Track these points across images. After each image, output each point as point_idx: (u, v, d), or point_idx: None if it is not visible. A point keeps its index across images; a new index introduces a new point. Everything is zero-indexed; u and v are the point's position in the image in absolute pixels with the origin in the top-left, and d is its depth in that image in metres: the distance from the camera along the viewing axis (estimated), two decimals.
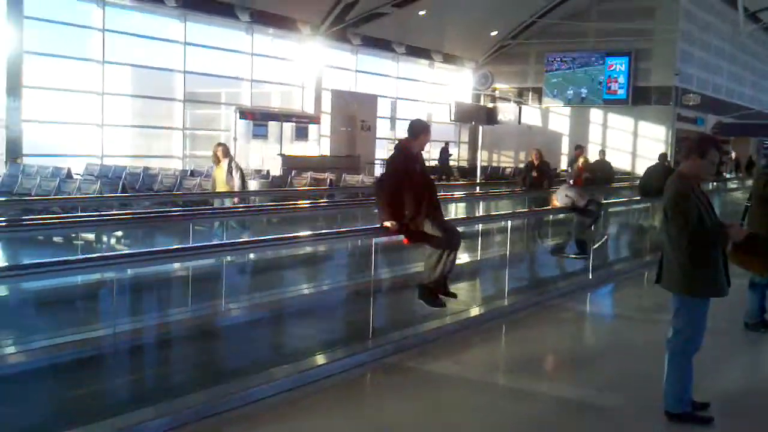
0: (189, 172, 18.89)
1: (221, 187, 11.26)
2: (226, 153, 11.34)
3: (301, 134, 26.95)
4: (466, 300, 7.88)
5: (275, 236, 7.39)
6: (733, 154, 35.15)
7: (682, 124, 33.07)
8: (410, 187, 6.50)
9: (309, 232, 7.72)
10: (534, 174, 14.73)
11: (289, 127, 26.34)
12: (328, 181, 17.47)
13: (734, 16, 35.30)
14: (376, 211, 7.08)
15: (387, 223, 6.49)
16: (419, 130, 6.73)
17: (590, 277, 9.58)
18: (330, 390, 5.48)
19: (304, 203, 13.00)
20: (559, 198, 10.19)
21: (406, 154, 6.72)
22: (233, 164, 11.23)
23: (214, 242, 8.36)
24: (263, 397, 5.12)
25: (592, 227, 9.81)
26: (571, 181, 14.59)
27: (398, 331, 6.70)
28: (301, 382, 5.44)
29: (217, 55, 25.06)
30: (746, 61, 41.26)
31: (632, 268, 10.87)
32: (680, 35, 31.73)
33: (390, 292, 8.42)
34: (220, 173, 11.26)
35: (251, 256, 9.05)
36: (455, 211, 13.40)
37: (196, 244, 7.29)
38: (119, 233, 10.37)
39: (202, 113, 26.40)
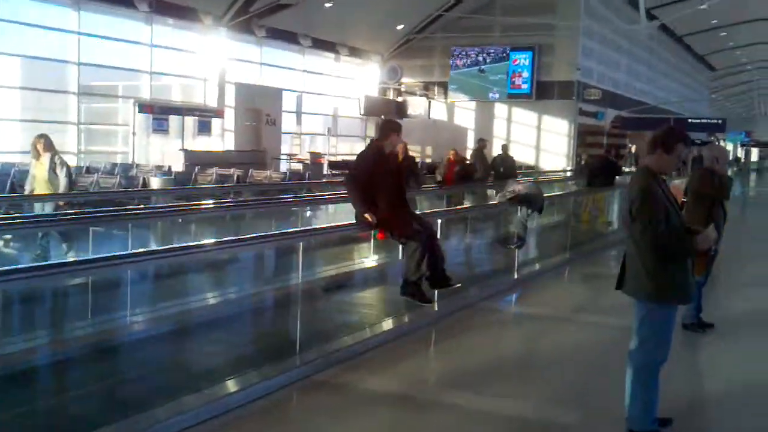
0: (84, 169, 17.75)
1: (42, 187, 9.66)
2: (49, 146, 9.71)
3: (204, 128, 25.92)
4: (397, 305, 7.37)
5: (236, 238, 6.60)
6: (633, 148, 36.10)
7: (583, 118, 33.68)
8: (382, 185, 6.67)
9: (279, 231, 6.99)
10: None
11: (191, 122, 25.27)
12: (235, 177, 16.67)
13: (631, 13, 36.18)
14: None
15: (367, 216, 6.61)
16: (387, 130, 6.88)
17: (515, 276, 9.25)
18: (254, 417, 4.86)
19: (239, 200, 12.15)
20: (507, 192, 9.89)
21: (377, 152, 6.84)
22: (57, 159, 9.69)
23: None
24: None
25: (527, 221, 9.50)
26: (440, 178, 14.51)
27: (328, 344, 6.14)
28: (218, 411, 4.78)
29: (115, 47, 23.71)
30: (642, 57, 42.47)
31: (555, 266, 10.60)
32: (581, 30, 32.23)
33: (316, 298, 7.84)
34: (41, 170, 9.67)
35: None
36: None
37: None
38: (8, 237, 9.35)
39: (99, 107, 24.99)
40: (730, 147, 67.59)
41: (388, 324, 6.92)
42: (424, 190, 13.78)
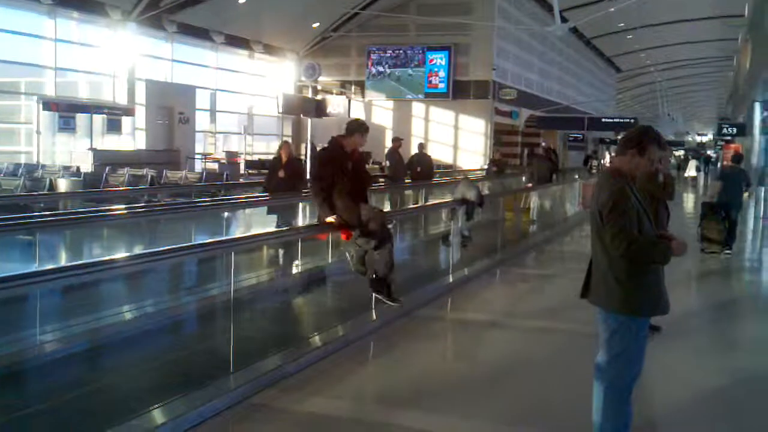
0: None
1: None
2: None
3: (114, 127, 24.80)
4: (335, 314, 6.95)
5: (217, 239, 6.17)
6: (543, 144, 36.53)
7: (498, 117, 33.95)
8: (341, 183, 6.68)
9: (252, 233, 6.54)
10: (282, 174, 11.06)
11: (99, 120, 24.14)
12: (149, 177, 15.87)
13: (543, 15, 36.73)
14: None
15: (329, 219, 6.60)
16: (353, 129, 6.95)
17: (450, 279, 8.93)
18: None
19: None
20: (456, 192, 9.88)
21: (336, 149, 6.87)
22: None
23: None
24: None
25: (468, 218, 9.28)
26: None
27: (264, 361, 5.59)
28: None
29: (16, 41, 22.37)
30: (554, 59, 43.21)
31: (488, 267, 10.32)
32: (496, 31, 32.47)
33: (248, 309, 7.33)
34: None
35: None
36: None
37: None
38: None
39: (0, 105, 23.61)
40: None
41: (326, 336, 6.42)
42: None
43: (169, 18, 25.94)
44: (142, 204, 11.61)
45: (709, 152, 70.11)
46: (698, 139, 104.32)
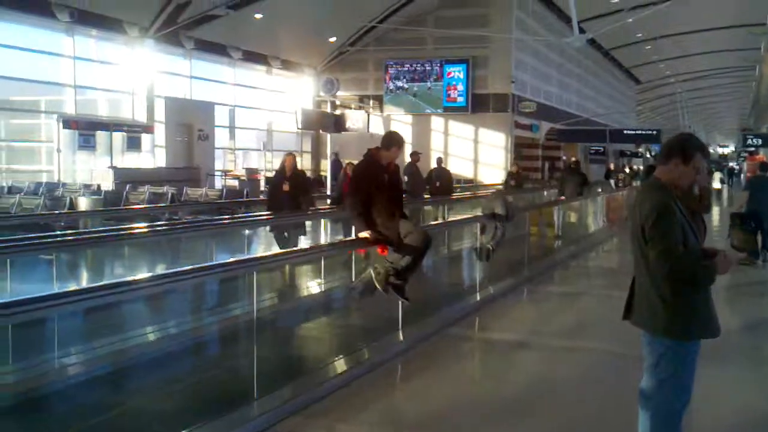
0: (6, 189, 16.60)
1: None
2: None
3: (134, 144, 24.82)
4: (363, 334, 6.74)
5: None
6: (573, 160, 36.12)
7: (518, 131, 33.70)
8: (378, 197, 6.59)
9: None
10: (286, 188, 10.56)
11: (119, 137, 24.15)
12: (169, 195, 15.77)
13: (561, 27, 36.49)
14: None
15: (364, 234, 6.49)
16: (389, 142, 6.83)
17: (478, 297, 8.68)
18: None
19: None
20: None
21: (372, 163, 6.81)
22: None
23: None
24: None
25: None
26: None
27: (288, 387, 5.38)
28: None
29: (35, 59, 22.44)
30: (572, 71, 42.93)
31: (515, 285, 10.03)
32: (514, 43, 32.28)
33: (273, 331, 7.13)
34: None
35: None
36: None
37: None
38: None
39: (20, 123, 23.66)
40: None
41: (351, 359, 6.18)
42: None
43: (186, 34, 25.97)
44: (163, 222, 11.43)
45: (731, 164, 69.48)
46: (720, 150, 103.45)
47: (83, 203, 14.28)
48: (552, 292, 10.20)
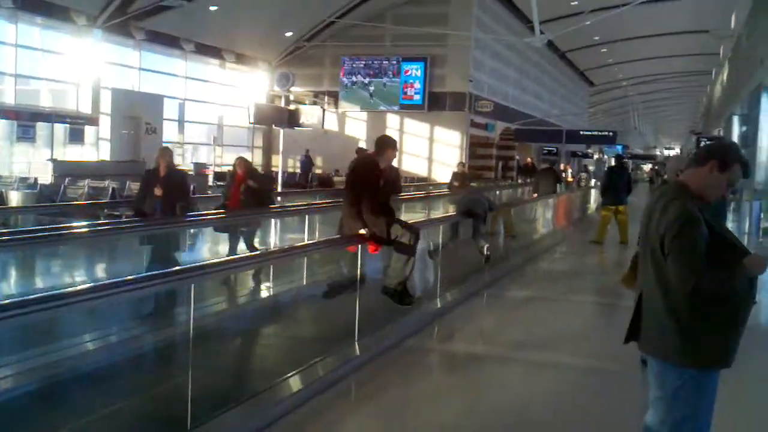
0: None
1: None
2: None
3: (77, 137, 23.86)
4: (312, 348, 6.16)
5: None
6: (529, 159, 35.84)
7: (473, 129, 33.42)
8: (375, 198, 6.71)
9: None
10: (158, 192, 8.86)
11: (61, 129, 23.14)
12: (110, 189, 14.95)
13: (520, 27, 36.34)
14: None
15: (362, 231, 6.55)
16: (386, 144, 7.01)
17: (438, 304, 8.13)
18: None
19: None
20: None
21: (375, 166, 6.89)
22: None
23: None
24: None
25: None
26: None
27: (229, 413, 4.59)
28: None
29: None
30: (529, 72, 42.86)
31: (477, 289, 9.47)
32: (473, 42, 31.97)
33: (213, 344, 6.46)
34: None
35: None
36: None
37: None
38: None
39: None
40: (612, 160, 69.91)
41: (306, 376, 5.40)
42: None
43: (137, 25, 25.07)
44: (101, 222, 10.59)
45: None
46: (666, 153, 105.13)
47: (15, 197, 13.43)
48: (514, 297, 9.64)
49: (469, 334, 7.61)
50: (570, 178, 31.04)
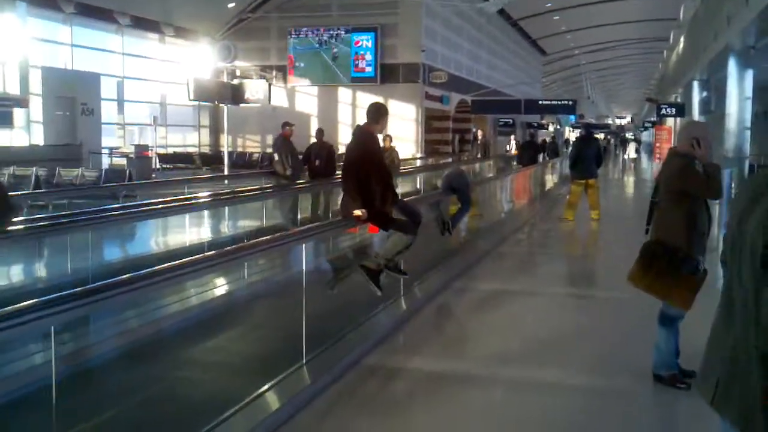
0: None
1: None
2: None
3: (4, 120, 22.15)
4: (254, 374, 4.98)
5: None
6: (479, 133, 34.89)
7: (428, 102, 32.32)
8: (379, 174, 6.23)
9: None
10: None
11: None
12: (33, 178, 13.49)
13: None
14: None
15: (357, 212, 6.07)
16: (380, 113, 6.38)
17: (404, 306, 6.97)
18: None
19: None
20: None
21: (375, 140, 6.50)
22: None
23: None
24: None
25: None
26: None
27: None
28: None
29: None
30: (482, 41, 41.78)
31: (446, 282, 8.33)
32: (423, 9, 30.77)
33: (126, 371, 5.22)
34: None
35: None
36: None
37: None
38: None
39: None
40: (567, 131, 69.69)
41: (249, 417, 4.23)
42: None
43: None
44: None
45: (628, 134, 70.70)
46: (618, 122, 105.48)
47: None
48: (486, 292, 8.41)
49: (438, 347, 6.19)
50: (515, 151, 30.15)
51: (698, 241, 4.84)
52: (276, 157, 13.09)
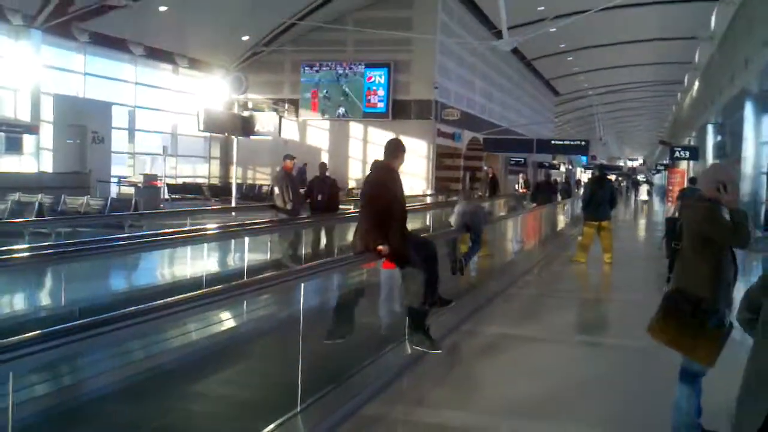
0: None
1: None
2: None
3: (14, 146, 22.08)
4: (245, 421, 4.65)
5: None
6: (489, 171, 34.57)
7: (440, 139, 32.15)
8: (399, 209, 6.32)
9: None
10: None
11: None
12: (36, 206, 13.27)
13: (485, 33, 35.24)
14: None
15: (381, 247, 6.11)
16: (399, 148, 6.53)
17: (408, 349, 6.64)
18: None
19: None
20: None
21: (396, 174, 6.47)
22: None
23: None
24: None
25: None
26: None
27: None
28: None
29: None
30: (494, 79, 41.76)
31: (453, 325, 7.97)
32: (438, 47, 30.75)
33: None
34: None
35: None
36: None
37: None
38: None
39: None
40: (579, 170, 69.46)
41: None
42: None
43: (79, 26, 23.31)
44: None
45: (639, 177, 70.39)
46: (629, 164, 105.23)
47: None
48: (497, 337, 8.02)
49: (443, 396, 5.82)
50: (523, 189, 29.86)
51: (724, 291, 4.53)
52: (276, 190, 12.77)
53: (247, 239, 8.99)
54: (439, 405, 5.55)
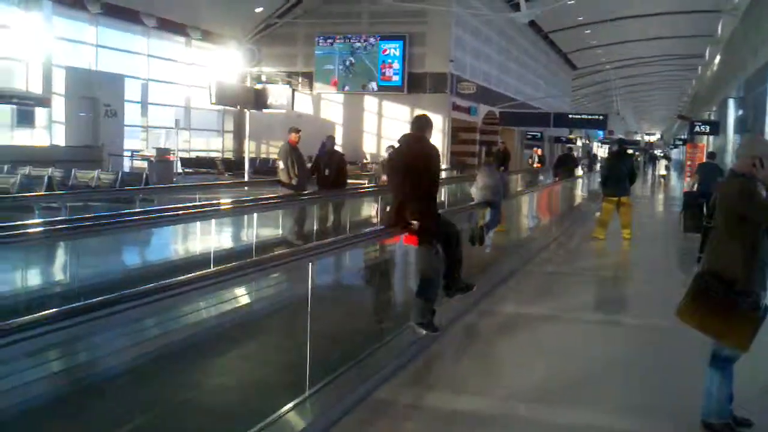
0: None
1: None
2: None
3: (26, 119, 21.95)
4: (248, 409, 4.47)
5: None
6: (502, 145, 34.14)
7: (455, 113, 31.76)
8: (437, 182, 6.40)
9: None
10: None
11: (8, 111, 21.17)
12: (46, 180, 13.11)
13: (501, 5, 34.65)
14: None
15: (414, 222, 6.01)
16: (427, 124, 6.36)
17: (423, 331, 6.36)
18: None
19: None
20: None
21: (434, 146, 6.36)
22: None
23: None
24: None
25: None
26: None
27: None
28: None
29: None
30: (511, 52, 41.17)
31: (469, 304, 7.68)
32: (453, 19, 30.25)
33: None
34: None
35: None
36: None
37: None
38: None
39: None
40: (594, 145, 68.81)
41: None
42: None
43: None
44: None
45: (656, 151, 69.66)
46: (647, 138, 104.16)
47: None
48: (514, 317, 7.78)
49: (458, 379, 5.57)
50: (538, 164, 29.41)
51: (759, 273, 4.26)
52: (281, 165, 12.11)
53: (255, 215, 8.76)
54: (452, 389, 5.32)
